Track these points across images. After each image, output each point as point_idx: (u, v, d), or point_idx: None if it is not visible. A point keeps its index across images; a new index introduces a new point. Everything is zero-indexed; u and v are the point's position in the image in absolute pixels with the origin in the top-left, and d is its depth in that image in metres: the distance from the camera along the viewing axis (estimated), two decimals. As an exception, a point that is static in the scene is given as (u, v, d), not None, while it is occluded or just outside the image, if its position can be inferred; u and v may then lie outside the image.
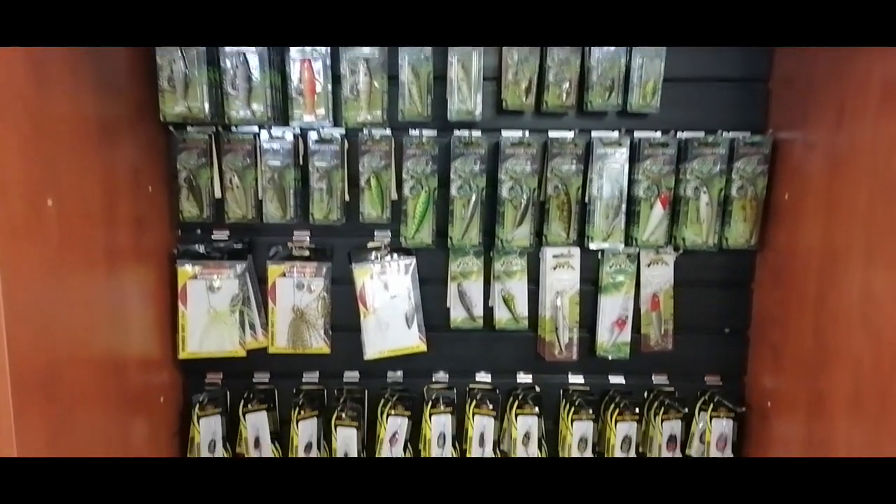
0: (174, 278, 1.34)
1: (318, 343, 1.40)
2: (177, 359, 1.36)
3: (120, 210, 1.15)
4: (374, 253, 1.38)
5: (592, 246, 1.34)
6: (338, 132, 1.31)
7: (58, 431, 0.93)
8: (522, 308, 1.40)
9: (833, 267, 1.10)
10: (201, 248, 1.35)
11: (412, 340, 1.40)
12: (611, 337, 1.40)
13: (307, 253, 1.38)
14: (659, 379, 1.45)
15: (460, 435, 1.43)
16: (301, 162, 1.31)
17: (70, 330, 0.97)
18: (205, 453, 1.38)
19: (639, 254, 1.38)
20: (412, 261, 1.39)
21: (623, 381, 1.45)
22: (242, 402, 1.38)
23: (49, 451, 0.90)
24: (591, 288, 1.41)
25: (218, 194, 1.32)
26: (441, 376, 1.46)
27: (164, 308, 1.34)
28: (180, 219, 1.33)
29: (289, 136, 1.30)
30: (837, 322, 1.08)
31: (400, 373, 1.46)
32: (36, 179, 0.87)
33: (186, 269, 1.34)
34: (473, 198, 1.30)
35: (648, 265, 1.39)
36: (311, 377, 1.44)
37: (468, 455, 1.42)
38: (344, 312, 1.40)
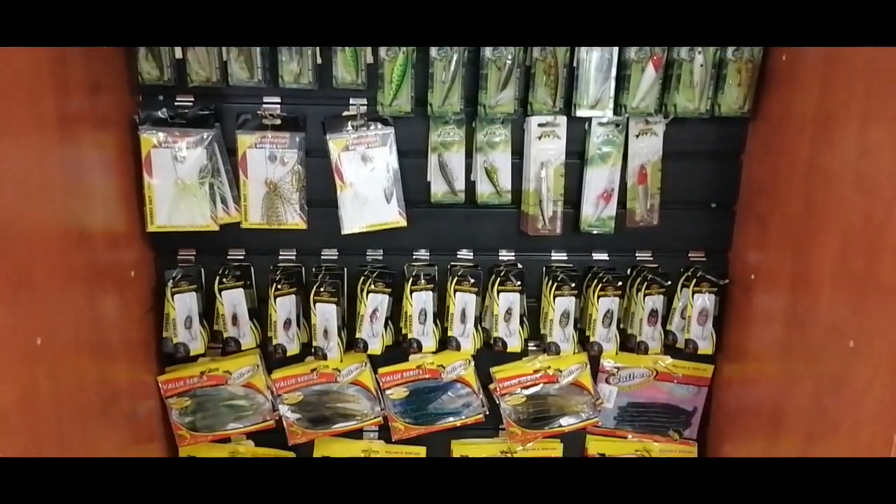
0: (137, 147, 1.27)
1: (293, 218, 1.35)
2: (146, 232, 1.31)
3: (71, 69, 1.06)
4: (349, 122, 1.31)
5: (580, 113, 1.27)
6: (307, -14, 1.20)
7: (16, 293, 0.88)
8: (505, 181, 1.35)
9: (828, 127, 1.06)
10: (164, 114, 1.26)
11: (391, 215, 1.36)
12: (595, 211, 1.36)
13: (278, 122, 1.30)
14: (642, 255, 1.43)
15: (441, 312, 1.41)
16: (268, 19, 1.21)
17: (22, 191, 0.91)
18: (181, 330, 1.35)
19: (628, 123, 1.32)
20: (390, 131, 1.32)
21: (606, 258, 1.43)
22: (217, 278, 1.35)
23: (9, 313, 0.87)
24: (576, 161, 1.35)
25: (179, 54, 1.22)
26: (422, 254, 1.43)
27: (129, 178, 1.27)
28: (140, 82, 1.24)
29: (254, -9, 1.19)
30: (830, 183, 1.04)
31: (380, 251, 1.42)
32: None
33: (149, 137, 1.26)
34: (455, 58, 1.22)
35: (637, 136, 1.33)
36: (287, 254, 1.41)
37: (449, 333, 1.41)
38: (320, 186, 1.34)
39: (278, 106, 1.30)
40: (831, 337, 1.03)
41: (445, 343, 1.42)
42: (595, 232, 1.37)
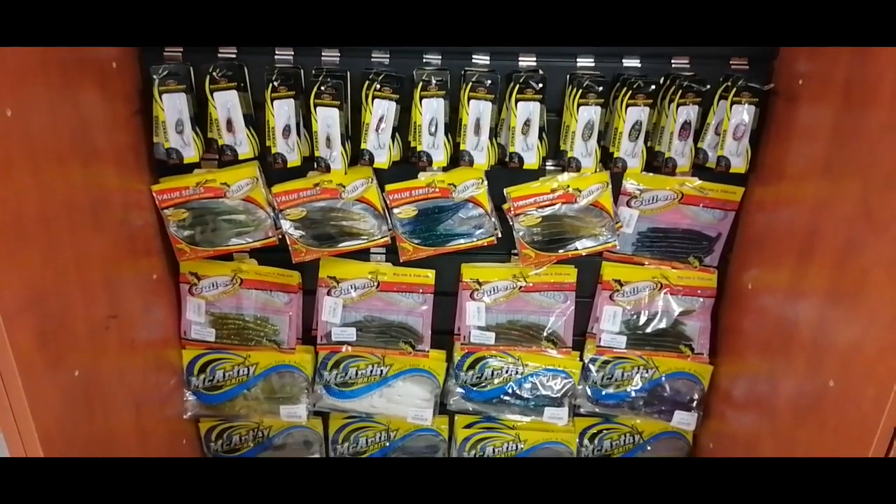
0: (107, -86, 1.10)
1: (290, 10, 1.21)
2: (125, 20, 1.17)
3: None
4: None
5: None
6: None
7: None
8: (530, -32, 1.18)
9: None
10: None
11: (399, 8, 1.21)
12: (631, 5, 1.20)
13: None
14: (679, 62, 1.29)
15: (454, 124, 1.30)
16: None
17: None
18: (172, 135, 1.25)
19: None
20: None
21: (638, 64, 1.29)
22: (208, 77, 1.23)
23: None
24: (612, -54, 1.18)
25: None
26: (433, 57, 1.29)
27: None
28: None
29: None
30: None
31: (387, 54, 1.29)
32: None
33: None
34: None
35: (685, -88, 1.15)
36: (284, 53, 1.27)
37: (462, 147, 1.30)
38: (318, -28, 1.19)
39: None
40: (887, 138, 0.93)
41: (457, 160, 1.32)
42: (628, 30, 1.22)
